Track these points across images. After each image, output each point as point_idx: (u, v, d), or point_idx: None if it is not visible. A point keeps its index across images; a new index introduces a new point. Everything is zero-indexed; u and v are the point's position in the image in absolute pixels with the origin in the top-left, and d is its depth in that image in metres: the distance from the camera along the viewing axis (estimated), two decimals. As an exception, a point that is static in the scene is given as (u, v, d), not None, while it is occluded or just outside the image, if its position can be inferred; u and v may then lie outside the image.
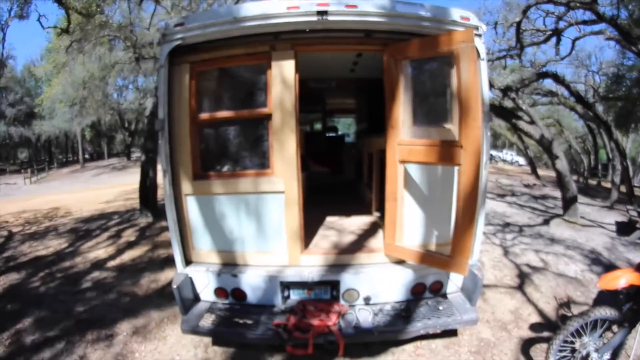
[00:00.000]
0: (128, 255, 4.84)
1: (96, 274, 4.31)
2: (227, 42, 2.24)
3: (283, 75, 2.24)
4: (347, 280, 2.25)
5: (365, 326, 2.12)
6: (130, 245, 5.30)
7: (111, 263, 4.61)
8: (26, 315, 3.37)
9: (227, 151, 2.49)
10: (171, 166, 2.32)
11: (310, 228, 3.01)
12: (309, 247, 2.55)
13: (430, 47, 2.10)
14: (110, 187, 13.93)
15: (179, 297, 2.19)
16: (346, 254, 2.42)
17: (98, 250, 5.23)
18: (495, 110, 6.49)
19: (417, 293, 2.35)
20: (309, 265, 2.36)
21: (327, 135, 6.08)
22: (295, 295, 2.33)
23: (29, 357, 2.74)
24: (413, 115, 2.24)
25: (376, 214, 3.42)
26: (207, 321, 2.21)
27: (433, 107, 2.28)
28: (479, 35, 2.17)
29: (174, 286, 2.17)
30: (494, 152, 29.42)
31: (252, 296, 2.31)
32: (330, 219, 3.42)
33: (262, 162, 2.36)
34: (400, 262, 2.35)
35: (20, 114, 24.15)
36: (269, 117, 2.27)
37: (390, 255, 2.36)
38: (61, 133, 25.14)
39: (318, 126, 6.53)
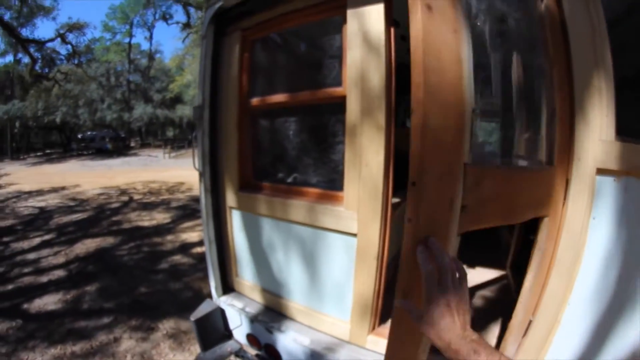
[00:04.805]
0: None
1: (177, 257, 4.42)
2: None
3: (365, 31, 1.26)
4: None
5: None
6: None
7: (197, 249, 4.63)
8: (98, 279, 3.65)
9: (284, 155, 1.74)
10: (212, 168, 1.76)
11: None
12: (387, 324, 1.61)
13: None
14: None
15: (198, 331, 1.68)
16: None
17: (193, 232, 5.48)
18: None
19: None
20: (377, 352, 1.42)
21: None
22: (353, 387, 1.47)
23: (77, 319, 2.89)
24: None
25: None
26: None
27: None
28: None
29: (192, 319, 1.66)
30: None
31: (289, 363, 1.58)
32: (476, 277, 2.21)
33: (331, 179, 1.49)
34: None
35: (166, 99, 29.86)
36: (343, 102, 1.35)
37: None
38: (200, 115, 31.01)
39: None
